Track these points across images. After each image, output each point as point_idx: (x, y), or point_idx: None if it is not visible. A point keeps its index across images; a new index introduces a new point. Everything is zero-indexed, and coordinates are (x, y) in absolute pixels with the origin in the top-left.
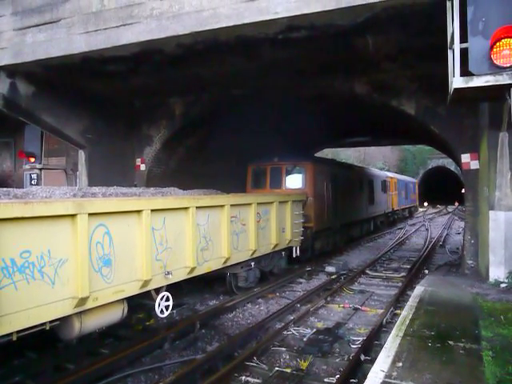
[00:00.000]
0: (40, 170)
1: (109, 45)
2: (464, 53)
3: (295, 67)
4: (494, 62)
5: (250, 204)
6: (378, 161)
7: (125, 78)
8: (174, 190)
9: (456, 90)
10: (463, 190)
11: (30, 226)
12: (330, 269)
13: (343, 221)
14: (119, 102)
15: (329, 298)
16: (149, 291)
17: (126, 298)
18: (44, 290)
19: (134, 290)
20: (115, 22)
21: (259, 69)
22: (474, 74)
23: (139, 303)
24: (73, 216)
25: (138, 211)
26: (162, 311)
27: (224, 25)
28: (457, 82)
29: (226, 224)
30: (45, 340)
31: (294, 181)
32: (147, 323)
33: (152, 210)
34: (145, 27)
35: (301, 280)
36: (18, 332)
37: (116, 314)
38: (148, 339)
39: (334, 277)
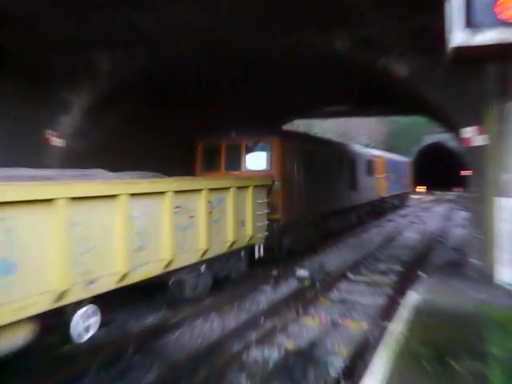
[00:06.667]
0: None
1: None
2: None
3: (259, 16)
4: (500, 15)
5: (199, 190)
6: (362, 136)
7: (31, 24)
8: (101, 171)
9: (455, 48)
10: (464, 173)
11: None
12: (302, 273)
13: (319, 211)
14: (23, 57)
15: (301, 311)
16: (65, 306)
17: (34, 316)
18: None
19: (44, 305)
20: None
21: (214, 19)
22: (476, 30)
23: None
24: None
25: (51, 200)
26: (79, 335)
27: None
28: (456, 38)
29: (169, 216)
30: None
31: (257, 161)
32: (65, 348)
33: (70, 199)
34: None
35: (265, 287)
36: None
37: (19, 337)
38: (63, 370)
39: (307, 283)
